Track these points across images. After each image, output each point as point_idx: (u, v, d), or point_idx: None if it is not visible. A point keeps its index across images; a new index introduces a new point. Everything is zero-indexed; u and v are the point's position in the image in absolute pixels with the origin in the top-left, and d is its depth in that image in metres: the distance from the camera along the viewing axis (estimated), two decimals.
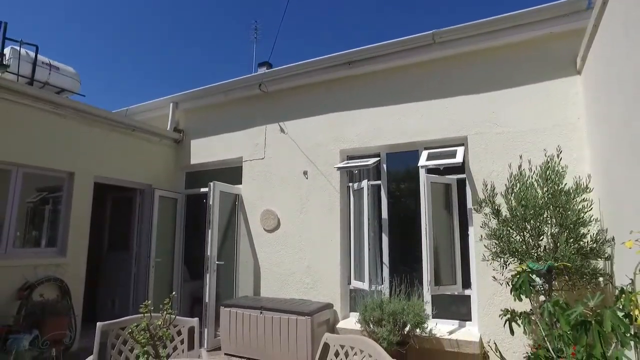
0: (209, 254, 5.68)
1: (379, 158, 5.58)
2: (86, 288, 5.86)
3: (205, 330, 5.53)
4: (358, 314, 5.04)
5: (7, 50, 6.66)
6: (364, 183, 5.39)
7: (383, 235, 5.50)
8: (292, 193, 6.01)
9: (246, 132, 6.63)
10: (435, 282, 4.81)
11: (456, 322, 4.96)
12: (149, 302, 1.77)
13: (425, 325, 4.59)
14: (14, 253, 5.11)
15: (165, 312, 1.75)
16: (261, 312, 5.05)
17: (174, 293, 2.24)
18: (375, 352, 2.04)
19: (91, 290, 6.21)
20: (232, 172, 6.71)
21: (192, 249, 7.47)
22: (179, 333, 2.81)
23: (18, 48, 6.76)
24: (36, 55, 6.97)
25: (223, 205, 6.08)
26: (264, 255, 6.10)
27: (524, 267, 3.45)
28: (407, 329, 4.48)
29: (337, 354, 2.26)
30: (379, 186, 5.62)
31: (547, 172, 3.94)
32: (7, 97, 5.05)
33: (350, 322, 5.22)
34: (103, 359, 2.54)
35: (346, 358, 2.20)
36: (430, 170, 5.07)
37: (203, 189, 6.91)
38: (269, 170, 6.28)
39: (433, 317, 4.94)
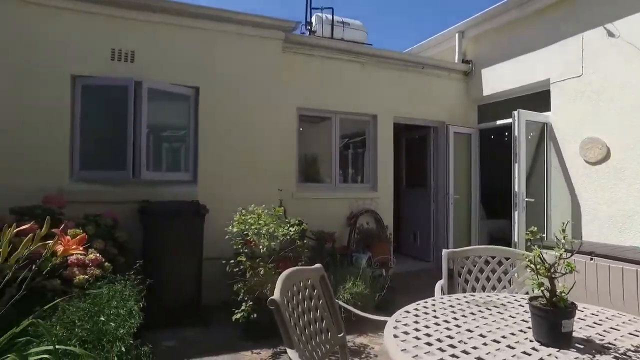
0: (516, 190, 5.16)
1: None
2: None
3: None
4: None
5: (313, 19, 7.74)
6: None
7: None
8: (628, 114, 4.67)
9: (551, 48, 5.51)
10: None
11: None
12: (535, 228, 1.52)
13: None
14: (340, 187, 6.06)
15: (563, 241, 1.45)
16: (591, 259, 4.25)
17: (568, 220, 1.93)
18: None
19: (394, 224, 6.78)
20: (532, 99, 5.83)
21: (487, 187, 7.13)
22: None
23: (320, 14, 7.73)
24: (332, 17, 7.81)
25: (529, 136, 5.37)
26: (586, 193, 5.07)
27: None
28: None
29: None
30: None
31: None
32: (323, 54, 5.83)
33: None
34: (451, 285, 2.57)
35: None
36: None
37: (499, 121, 6.34)
38: (590, 89, 5.05)
39: None
